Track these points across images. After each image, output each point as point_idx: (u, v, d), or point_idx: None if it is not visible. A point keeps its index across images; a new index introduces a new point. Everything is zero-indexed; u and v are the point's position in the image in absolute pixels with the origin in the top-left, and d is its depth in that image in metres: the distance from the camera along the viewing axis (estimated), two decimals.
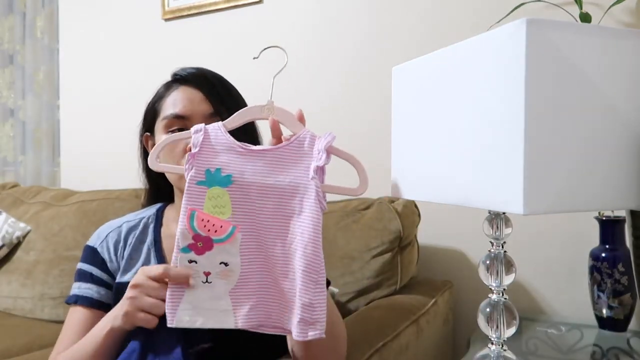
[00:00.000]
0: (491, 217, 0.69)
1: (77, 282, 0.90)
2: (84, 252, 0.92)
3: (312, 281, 0.64)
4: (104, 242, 0.90)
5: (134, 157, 0.98)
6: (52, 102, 2.36)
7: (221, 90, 0.87)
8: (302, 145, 0.69)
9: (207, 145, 0.69)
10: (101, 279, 0.88)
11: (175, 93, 0.86)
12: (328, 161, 0.67)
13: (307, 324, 0.63)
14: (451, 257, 1.46)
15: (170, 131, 0.84)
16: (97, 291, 0.87)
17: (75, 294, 0.88)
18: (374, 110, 1.55)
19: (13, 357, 1.32)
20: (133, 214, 0.96)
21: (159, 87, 0.92)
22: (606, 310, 1.12)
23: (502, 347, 0.68)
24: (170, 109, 0.85)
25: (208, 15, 1.89)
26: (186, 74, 0.88)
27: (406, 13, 1.53)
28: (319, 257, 0.64)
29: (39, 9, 2.38)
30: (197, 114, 0.83)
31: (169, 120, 0.84)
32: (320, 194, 0.66)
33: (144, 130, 0.94)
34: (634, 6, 1.25)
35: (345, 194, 0.70)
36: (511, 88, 0.52)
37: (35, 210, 1.83)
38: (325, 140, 0.68)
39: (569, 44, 0.52)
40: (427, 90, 0.68)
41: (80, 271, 0.90)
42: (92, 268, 0.89)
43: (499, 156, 0.53)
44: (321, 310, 0.63)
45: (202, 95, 0.85)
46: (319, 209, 0.66)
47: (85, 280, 0.89)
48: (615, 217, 1.14)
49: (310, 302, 0.63)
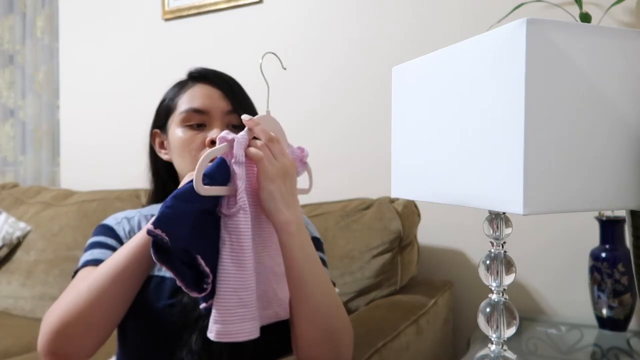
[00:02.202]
0: (491, 217, 0.69)
1: (90, 249, 0.84)
2: (97, 229, 0.89)
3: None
4: (120, 224, 0.89)
5: (134, 157, 0.98)
6: (52, 102, 2.36)
7: (237, 90, 0.89)
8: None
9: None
10: (117, 248, 0.84)
11: (194, 89, 0.88)
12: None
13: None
14: (451, 257, 1.46)
15: (187, 125, 0.85)
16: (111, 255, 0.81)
17: (87, 259, 0.82)
18: (374, 110, 1.55)
19: (13, 357, 1.32)
20: (145, 209, 0.95)
21: (172, 86, 0.93)
22: (606, 310, 1.12)
23: (502, 347, 0.68)
24: (188, 103, 0.86)
25: (208, 15, 1.89)
26: (204, 72, 0.90)
27: (406, 13, 1.53)
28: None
29: (39, 9, 2.38)
30: (216, 109, 0.85)
31: (188, 113, 0.85)
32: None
33: (154, 127, 0.94)
34: (634, 6, 1.25)
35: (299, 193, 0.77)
36: (511, 88, 0.52)
37: (35, 210, 1.83)
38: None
39: (569, 44, 0.52)
40: (427, 90, 0.68)
41: (93, 242, 0.85)
42: (107, 239, 0.86)
43: (499, 156, 0.53)
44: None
45: (220, 92, 0.87)
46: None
47: (99, 247, 0.84)
48: (615, 217, 1.14)
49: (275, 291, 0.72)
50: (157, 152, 0.93)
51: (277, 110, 0.96)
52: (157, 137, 0.93)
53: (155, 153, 0.94)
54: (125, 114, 2.07)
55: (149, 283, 0.83)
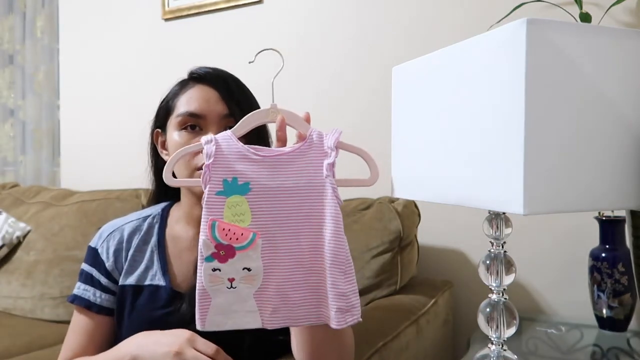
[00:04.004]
0: (491, 217, 0.69)
1: (79, 281, 0.90)
2: (87, 252, 0.92)
3: (340, 272, 0.67)
4: (105, 243, 0.90)
5: (134, 157, 0.98)
6: (52, 102, 2.36)
7: (237, 92, 0.86)
8: (311, 144, 0.71)
9: (220, 155, 0.69)
10: (101, 282, 0.88)
11: (191, 91, 0.85)
12: (337, 156, 0.70)
13: (344, 312, 0.66)
14: (451, 257, 1.46)
15: (183, 129, 0.84)
16: (94, 293, 0.87)
17: (75, 294, 0.89)
18: (374, 110, 1.55)
19: (13, 357, 1.32)
20: (136, 213, 0.95)
21: (174, 84, 0.91)
22: (606, 310, 1.12)
23: (502, 347, 0.68)
24: (185, 106, 0.84)
25: (208, 15, 1.89)
26: (203, 72, 0.87)
27: (406, 13, 1.53)
28: (343, 249, 0.67)
29: (39, 9, 2.38)
30: (213, 113, 0.83)
31: (184, 117, 0.83)
32: (336, 190, 0.69)
33: (155, 127, 0.92)
34: (634, 6, 1.25)
35: (359, 185, 0.73)
36: (511, 88, 0.52)
37: (35, 210, 1.83)
38: (333, 136, 0.70)
39: (569, 44, 0.52)
40: (427, 90, 0.68)
41: (83, 271, 0.91)
42: (92, 270, 0.89)
43: (499, 156, 0.53)
44: (355, 298, 0.67)
45: (218, 95, 0.84)
46: (336, 204, 0.68)
47: (86, 282, 0.89)
48: (615, 217, 1.14)
49: (343, 292, 0.66)
50: (159, 152, 0.92)
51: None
52: (160, 137, 0.92)
53: (156, 152, 0.93)
54: (125, 114, 2.07)
55: (140, 293, 0.84)
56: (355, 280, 0.68)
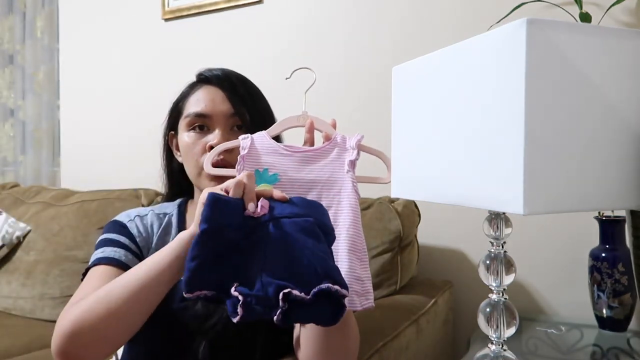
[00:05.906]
0: (491, 217, 0.69)
1: (104, 246, 0.81)
2: (108, 226, 0.87)
3: (357, 259, 0.72)
4: (133, 222, 0.87)
5: (134, 157, 0.98)
6: (52, 102, 2.36)
7: (243, 92, 0.89)
8: (335, 144, 0.80)
9: (253, 149, 0.78)
10: (129, 247, 0.82)
11: (198, 92, 0.89)
12: (358, 156, 0.78)
13: (360, 295, 0.70)
14: (451, 257, 1.46)
15: (191, 129, 0.87)
16: (125, 255, 0.80)
17: (98, 257, 0.79)
18: (374, 110, 1.55)
19: (13, 357, 1.32)
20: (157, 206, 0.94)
21: (184, 87, 0.94)
22: (606, 310, 1.12)
23: (502, 347, 0.68)
24: (192, 107, 0.87)
25: (208, 15, 1.89)
26: (210, 74, 0.90)
27: (406, 13, 1.53)
28: (360, 237, 0.73)
29: (39, 9, 2.38)
30: (218, 113, 0.86)
31: (191, 118, 0.87)
32: (355, 184, 0.76)
33: (168, 129, 0.95)
34: (634, 6, 1.25)
35: (376, 182, 0.82)
36: (511, 88, 0.52)
37: (35, 210, 1.83)
38: (355, 138, 0.79)
39: (569, 43, 0.52)
40: (427, 90, 0.68)
41: (106, 239, 0.83)
42: (119, 236, 0.83)
43: (499, 156, 0.53)
44: (369, 284, 0.71)
45: (223, 95, 0.87)
46: (356, 197, 0.75)
47: (111, 245, 0.81)
48: (615, 217, 1.14)
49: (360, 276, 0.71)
50: (174, 154, 0.94)
51: (277, 110, 0.96)
52: (174, 139, 0.94)
53: (170, 155, 0.96)
54: (125, 114, 2.07)
55: None
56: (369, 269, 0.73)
